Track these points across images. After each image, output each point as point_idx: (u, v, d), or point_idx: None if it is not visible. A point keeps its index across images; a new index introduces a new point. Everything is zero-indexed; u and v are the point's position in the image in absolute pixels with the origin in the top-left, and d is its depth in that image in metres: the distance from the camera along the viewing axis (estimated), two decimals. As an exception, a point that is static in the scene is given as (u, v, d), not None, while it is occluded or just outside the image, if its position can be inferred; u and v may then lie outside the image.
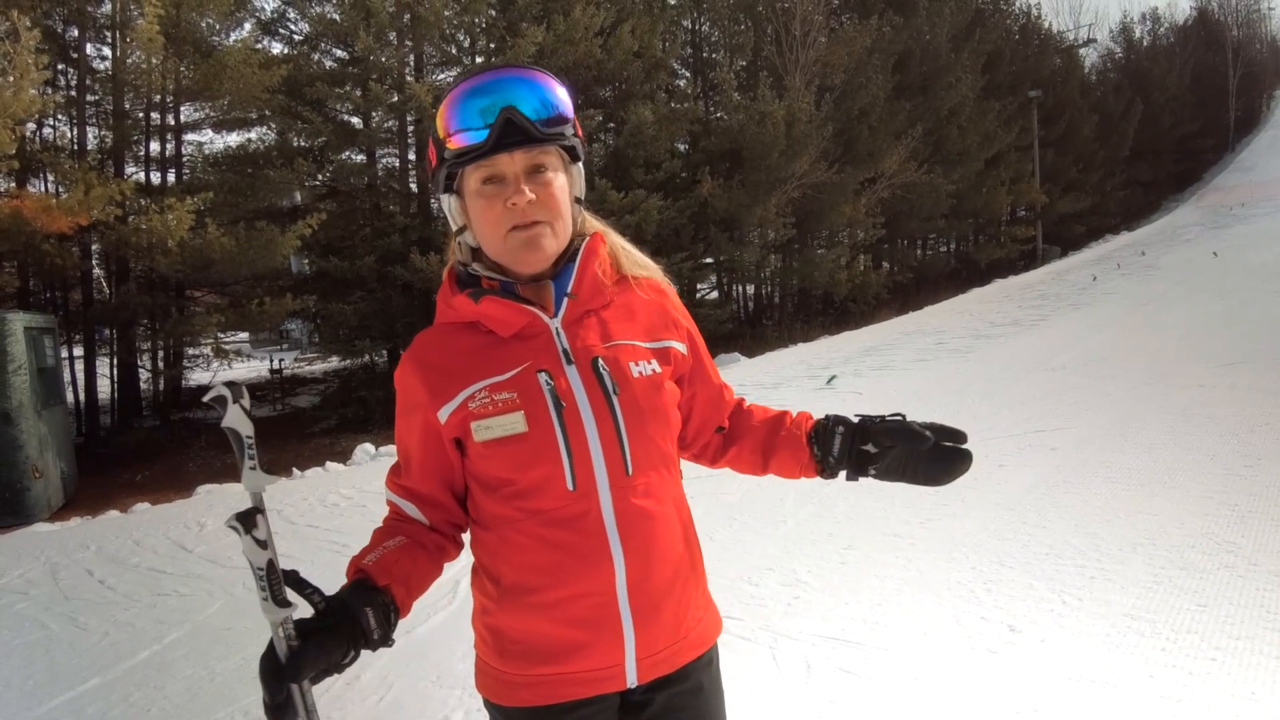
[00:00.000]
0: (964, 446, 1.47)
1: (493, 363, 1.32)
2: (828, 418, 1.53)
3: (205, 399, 1.19)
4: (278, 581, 1.22)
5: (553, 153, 1.31)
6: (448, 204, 1.35)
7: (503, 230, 1.28)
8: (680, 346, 1.45)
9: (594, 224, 1.43)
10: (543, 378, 1.29)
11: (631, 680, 1.33)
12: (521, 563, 1.31)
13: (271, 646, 1.21)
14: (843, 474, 1.52)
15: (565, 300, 1.35)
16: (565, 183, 1.33)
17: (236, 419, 1.18)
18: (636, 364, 1.35)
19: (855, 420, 1.50)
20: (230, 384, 1.17)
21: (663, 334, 1.43)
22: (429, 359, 1.35)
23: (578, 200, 1.37)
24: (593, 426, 1.29)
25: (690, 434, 1.55)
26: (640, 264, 1.47)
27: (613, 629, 1.30)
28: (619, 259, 1.44)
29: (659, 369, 1.38)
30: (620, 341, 1.37)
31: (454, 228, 1.38)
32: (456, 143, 1.27)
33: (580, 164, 1.37)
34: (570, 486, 1.28)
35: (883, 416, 1.49)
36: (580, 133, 1.36)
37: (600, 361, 1.32)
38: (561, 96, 1.30)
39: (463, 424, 1.30)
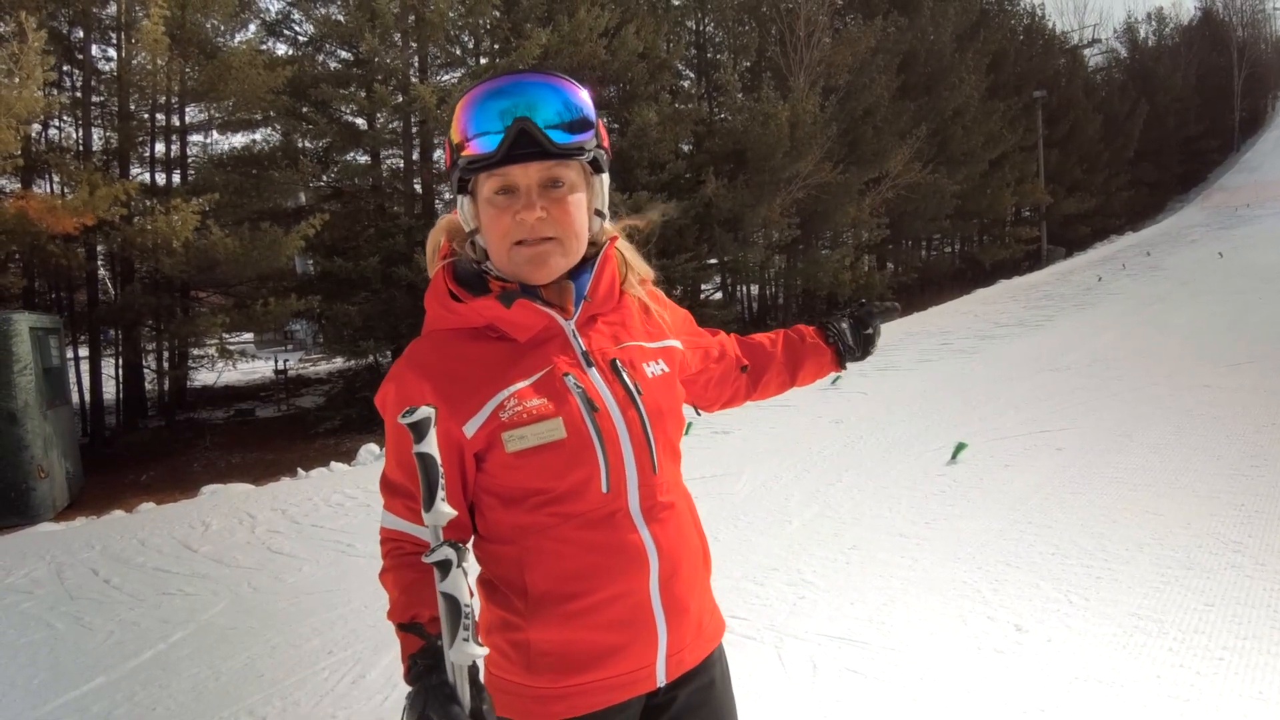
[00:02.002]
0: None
1: (513, 368, 1.27)
2: (828, 325, 1.77)
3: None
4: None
5: (572, 165, 1.26)
6: (461, 205, 1.31)
7: (508, 243, 1.25)
8: (677, 344, 1.45)
9: (610, 230, 1.39)
10: (570, 381, 1.26)
11: (661, 679, 1.32)
12: (556, 570, 1.26)
13: (452, 693, 1.11)
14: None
15: (582, 303, 1.32)
16: (583, 197, 1.28)
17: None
18: (648, 365, 1.36)
19: (848, 314, 1.79)
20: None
21: (661, 334, 1.43)
22: (439, 370, 1.27)
23: (598, 212, 1.33)
24: (623, 428, 1.27)
25: (714, 393, 1.66)
26: (642, 275, 1.46)
27: (647, 628, 1.29)
28: (625, 271, 1.42)
29: (667, 369, 1.39)
30: (629, 343, 1.36)
31: (466, 229, 1.33)
32: (470, 149, 1.23)
33: (604, 175, 1.32)
34: (604, 489, 1.26)
35: (853, 309, 1.80)
36: (605, 141, 1.31)
37: (618, 363, 1.31)
38: (584, 103, 1.25)
39: (492, 435, 1.24)
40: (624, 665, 1.28)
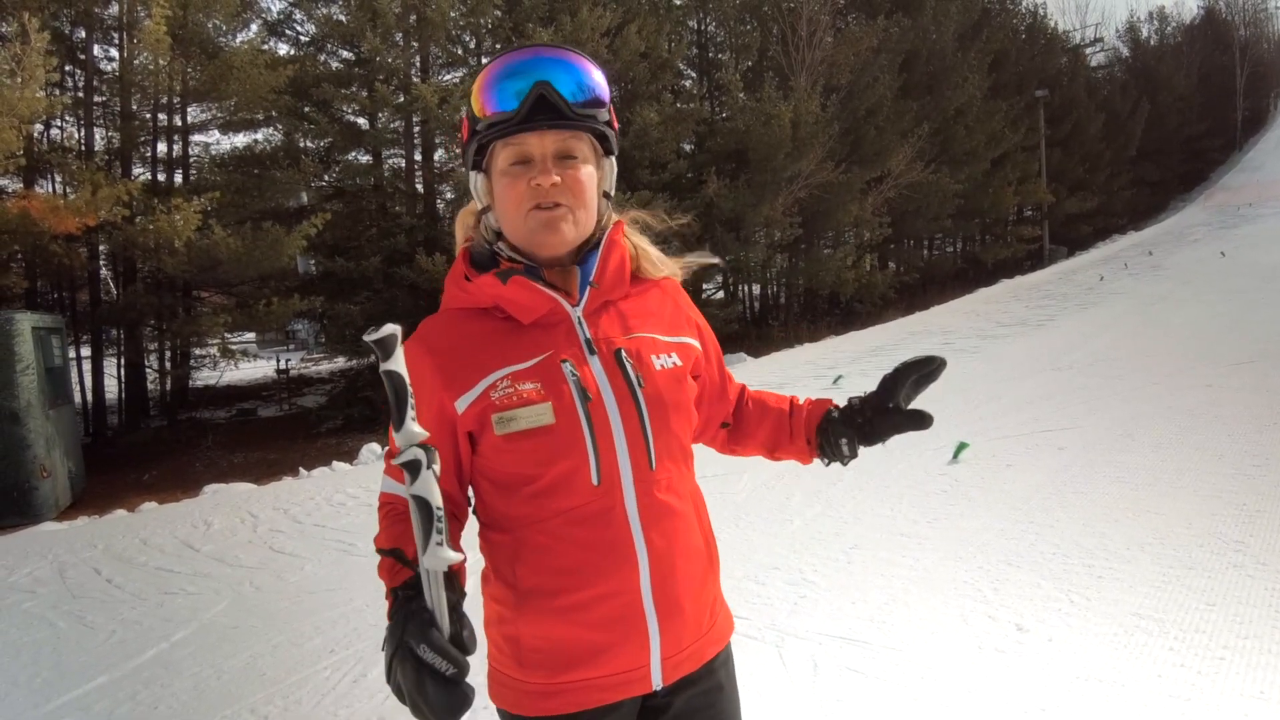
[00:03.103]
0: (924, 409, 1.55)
1: (513, 350, 1.27)
2: (831, 425, 1.53)
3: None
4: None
5: (585, 140, 1.28)
6: (474, 181, 1.32)
7: (524, 210, 1.25)
8: (696, 344, 1.43)
9: (615, 215, 1.40)
10: (567, 367, 1.26)
11: (657, 682, 1.30)
12: (543, 565, 1.26)
13: (431, 618, 1.07)
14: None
15: (588, 289, 1.31)
16: (594, 173, 1.30)
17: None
18: (658, 356, 1.33)
19: (858, 420, 1.53)
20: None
21: (680, 330, 1.42)
22: (441, 345, 1.28)
23: (606, 195, 1.34)
24: (618, 419, 1.26)
25: (697, 427, 1.53)
26: (657, 263, 1.45)
27: (638, 629, 1.27)
28: (639, 261, 1.41)
29: (679, 362, 1.36)
30: (641, 334, 1.34)
31: (479, 207, 1.34)
32: (490, 115, 1.25)
33: (613, 158, 1.34)
34: (595, 481, 1.24)
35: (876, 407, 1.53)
36: (615, 124, 1.33)
37: (623, 353, 1.30)
38: (598, 81, 1.28)
39: (482, 415, 1.24)
40: (614, 665, 1.27)
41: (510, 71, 1.24)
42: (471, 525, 1.38)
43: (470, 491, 1.36)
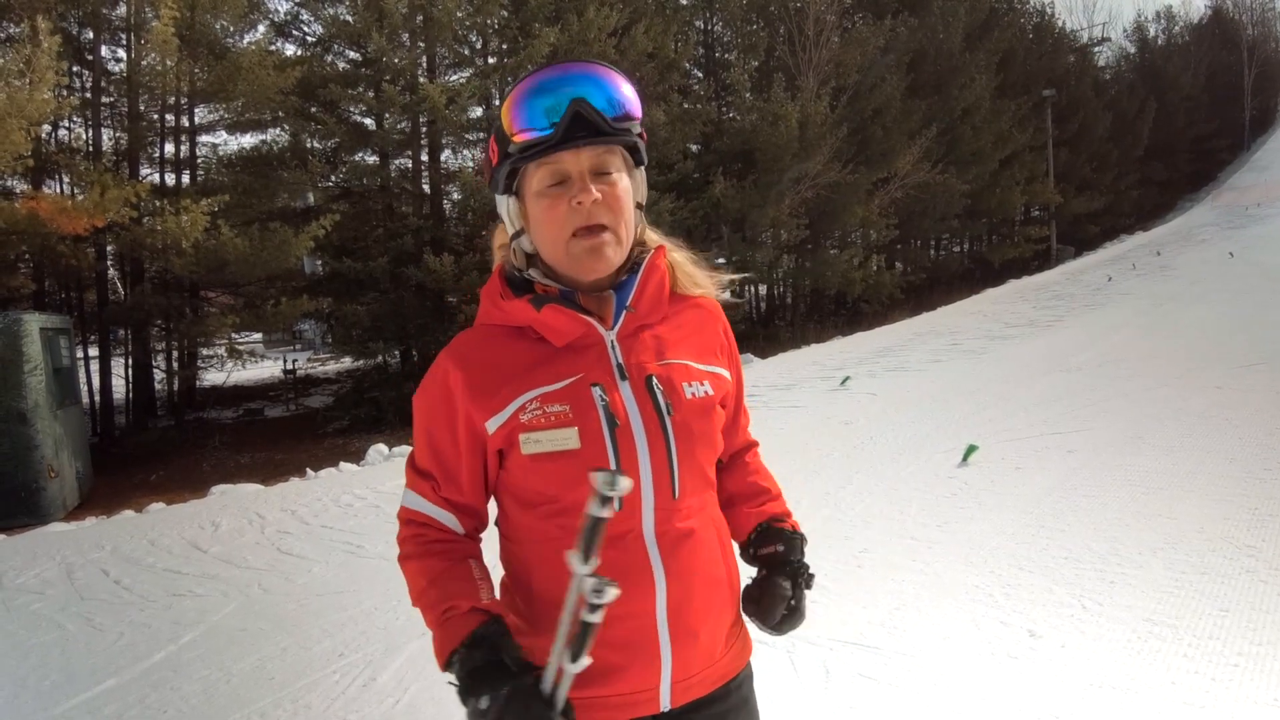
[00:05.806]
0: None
1: (544, 372, 1.26)
2: (772, 551, 1.48)
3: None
4: None
5: (617, 154, 1.27)
6: (505, 205, 1.31)
7: (566, 233, 1.24)
8: (727, 374, 1.41)
9: (654, 237, 1.39)
10: (596, 392, 1.25)
11: (665, 704, 1.30)
12: (560, 581, 1.20)
13: (551, 699, 1.16)
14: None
15: (623, 313, 1.30)
16: (629, 186, 1.29)
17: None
18: (689, 384, 1.31)
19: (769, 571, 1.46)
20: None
21: (714, 357, 1.40)
22: (475, 361, 1.29)
23: (639, 206, 1.33)
24: (644, 447, 1.25)
25: None
26: (697, 283, 1.43)
27: (650, 652, 1.27)
28: (676, 277, 1.40)
29: (710, 391, 1.34)
30: (673, 360, 1.33)
31: (510, 231, 1.33)
32: (522, 137, 1.23)
33: (643, 168, 1.34)
34: (616, 507, 1.21)
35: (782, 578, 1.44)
36: (644, 136, 1.33)
37: (655, 380, 1.29)
38: (629, 94, 1.26)
39: (510, 435, 1.25)
40: (623, 686, 1.27)
41: (541, 90, 1.22)
42: (492, 534, 1.39)
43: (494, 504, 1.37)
